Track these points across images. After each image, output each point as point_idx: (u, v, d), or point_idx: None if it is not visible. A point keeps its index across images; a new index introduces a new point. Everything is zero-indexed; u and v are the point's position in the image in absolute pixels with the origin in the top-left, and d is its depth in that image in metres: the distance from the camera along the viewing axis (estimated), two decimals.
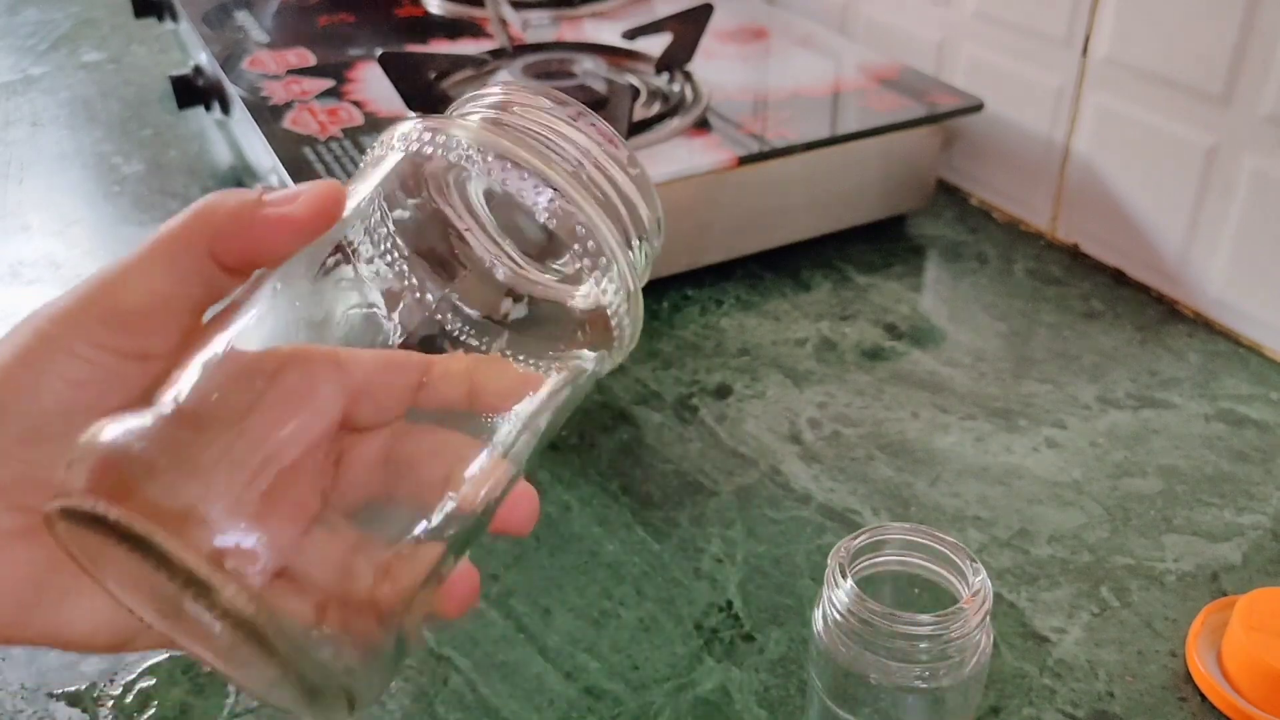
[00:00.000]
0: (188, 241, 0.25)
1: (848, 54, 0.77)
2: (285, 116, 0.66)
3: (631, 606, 0.45)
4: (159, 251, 0.25)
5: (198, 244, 0.25)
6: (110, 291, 0.24)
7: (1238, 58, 0.57)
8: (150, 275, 0.24)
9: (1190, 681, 0.42)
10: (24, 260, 0.71)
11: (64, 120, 0.90)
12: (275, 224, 0.25)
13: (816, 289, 0.66)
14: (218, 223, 0.25)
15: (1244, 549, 0.48)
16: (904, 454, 0.53)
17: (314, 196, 0.25)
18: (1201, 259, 0.62)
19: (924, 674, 0.34)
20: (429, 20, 0.84)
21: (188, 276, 0.25)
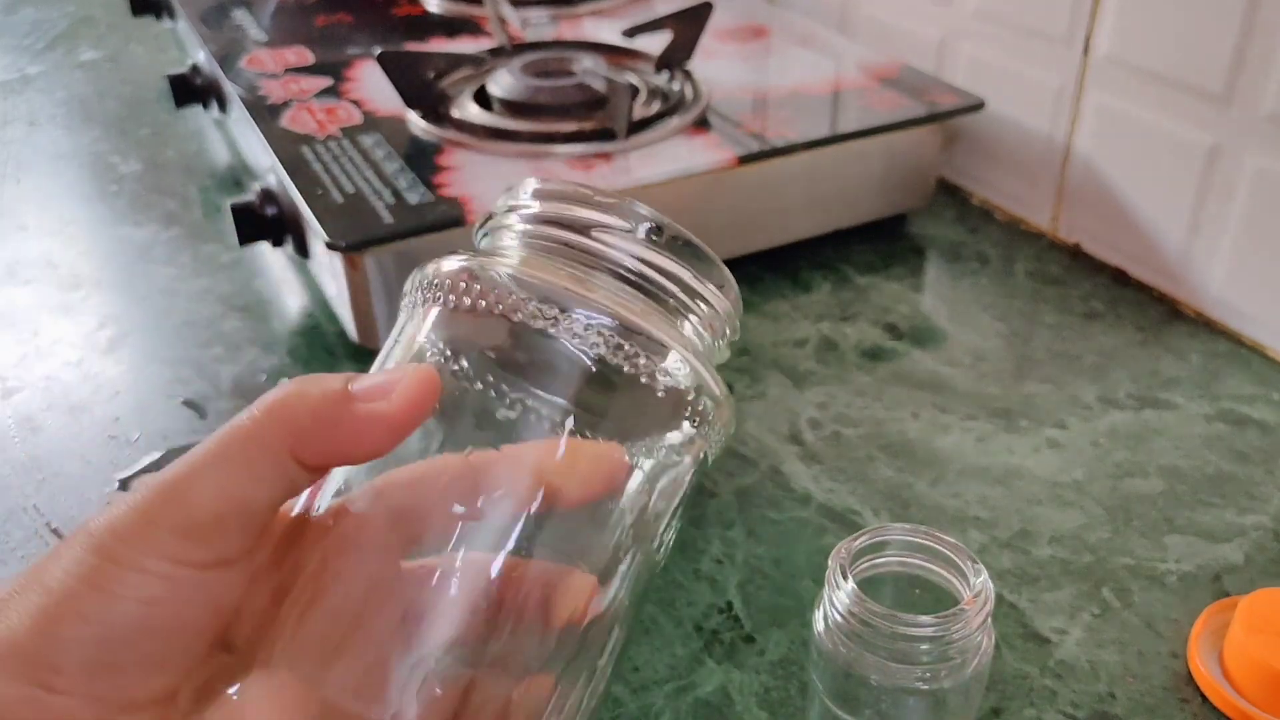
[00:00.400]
0: (266, 443, 0.22)
1: (848, 53, 0.76)
2: (283, 115, 0.66)
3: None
4: (233, 452, 0.22)
5: (278, 445, 0.22)
6: (181, 499, 0.22)
7: (1239, 57, 0.57)
8: (224, 480, 0.22)
9: (1192, 682, 0.42)
10: (21, 260, 0.71)
11: (61, 119, 0.89)
12: (368, 423, 0.22)
13: (816, 289, 0.66)
14: (300, 422, 0.22)
15: (1246, 549, 0.47)
16: (905, 454, 0.53)
17: (410, 390, 0.23)
18: (1203, 259, 0.62)
19: (925, 675, 0.34)
20: (428, 19, 0.84)
21: (266, 479, 0.22)
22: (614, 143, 0.62)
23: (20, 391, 0.58)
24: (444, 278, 0.24)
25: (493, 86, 0.68)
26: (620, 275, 0.24)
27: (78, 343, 0.62)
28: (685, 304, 0.25)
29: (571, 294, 0.23)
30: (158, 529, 0.22)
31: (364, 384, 0.23)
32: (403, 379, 0.23)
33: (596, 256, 0.24)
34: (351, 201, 0.56)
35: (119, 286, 0.68)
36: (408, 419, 0.23)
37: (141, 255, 0.71)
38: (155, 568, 0.21)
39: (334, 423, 0.22)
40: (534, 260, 0.24)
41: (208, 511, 0.22)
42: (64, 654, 0.21)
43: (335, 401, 0.22)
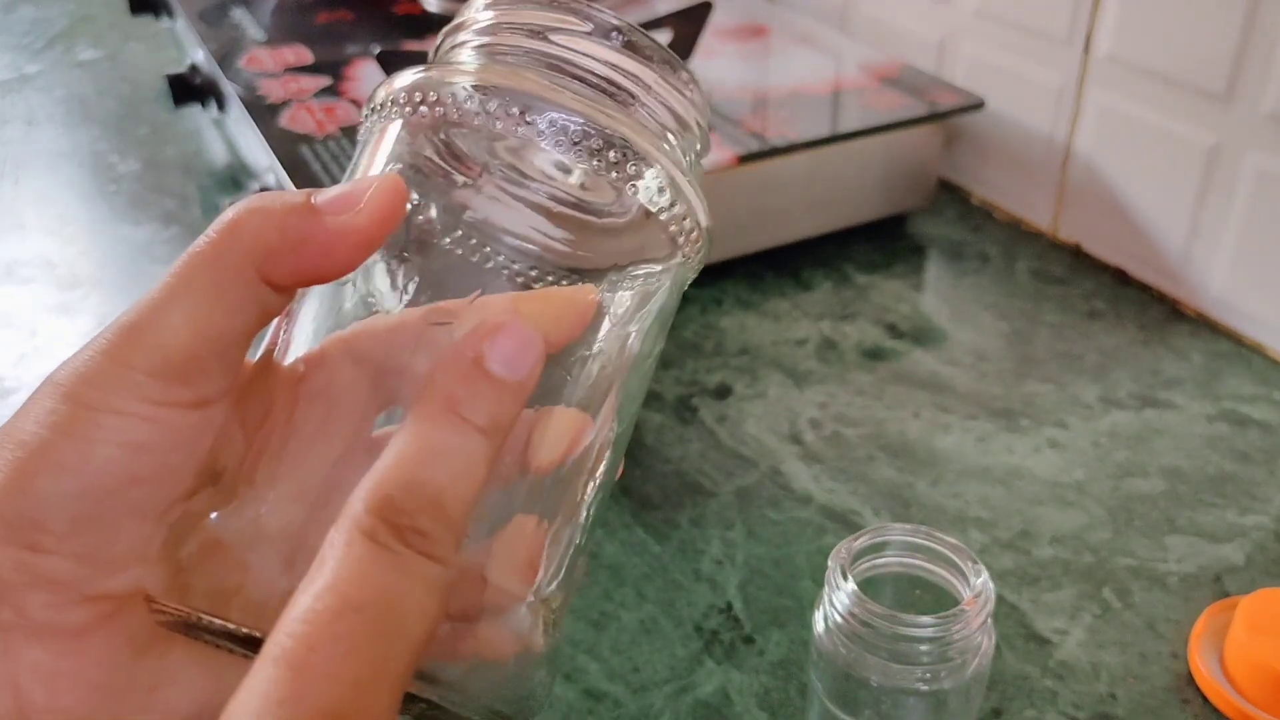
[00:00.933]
0: (233, 266, 0.21)
1: (848, 52, 0.76)
2: (282, 115, 0.66)
3: (631, 608, 0.45)
4: (198, 280, 0.21)
5: (244, 267, 0.21)
6: (151, 338, 0.21)
7: (1240, 56, 0.57)
8: (193, 311, 0.21)
9: (1192, 683, 0.42)
10: (19, 259, 0.70)
11: (60, 118, 0.89)
12: (338, 236, 0.21)
13: (817, 288, 0.66)
14: (266, 239, 0.21)
15: (1247, 550, 0.47)
16: (905, 454, 0.53)
17: (378, 200, 0.21)
18: (1204, 258, 0.62)
19: (925, 676, 0.34)
20: (427, 18, 0.84)
21: (236, 305, 0.21)
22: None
23: (18, 392, 0.58)
24: (396, 93, 0.23)
25: None
26: (590, 82, 0.23)
27: (76, 342, 0.62)
28: (660, 116, 0.24)
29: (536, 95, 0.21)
30: (131, 370, 0.20)
31: (328, 195, 0.22)
32: (369, 189, 0.22)
33: (564, 62, 0.23)
34: None
35: (118, 286, 0.68)
36: (378, 230, 0.21)
37: (140, 254, 0.71)
38: (134, 409, 0.20)
39: (302, 238, 0.21)
40: (491, 67, 0.23)
41: (181, 347, 0.21)
42: (46, 509, 0.20)
43: (301, 215, 0.21)
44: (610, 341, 0.24)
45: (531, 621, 0.22)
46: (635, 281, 0.24)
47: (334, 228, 0.21)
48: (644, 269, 0.24)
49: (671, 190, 0.23)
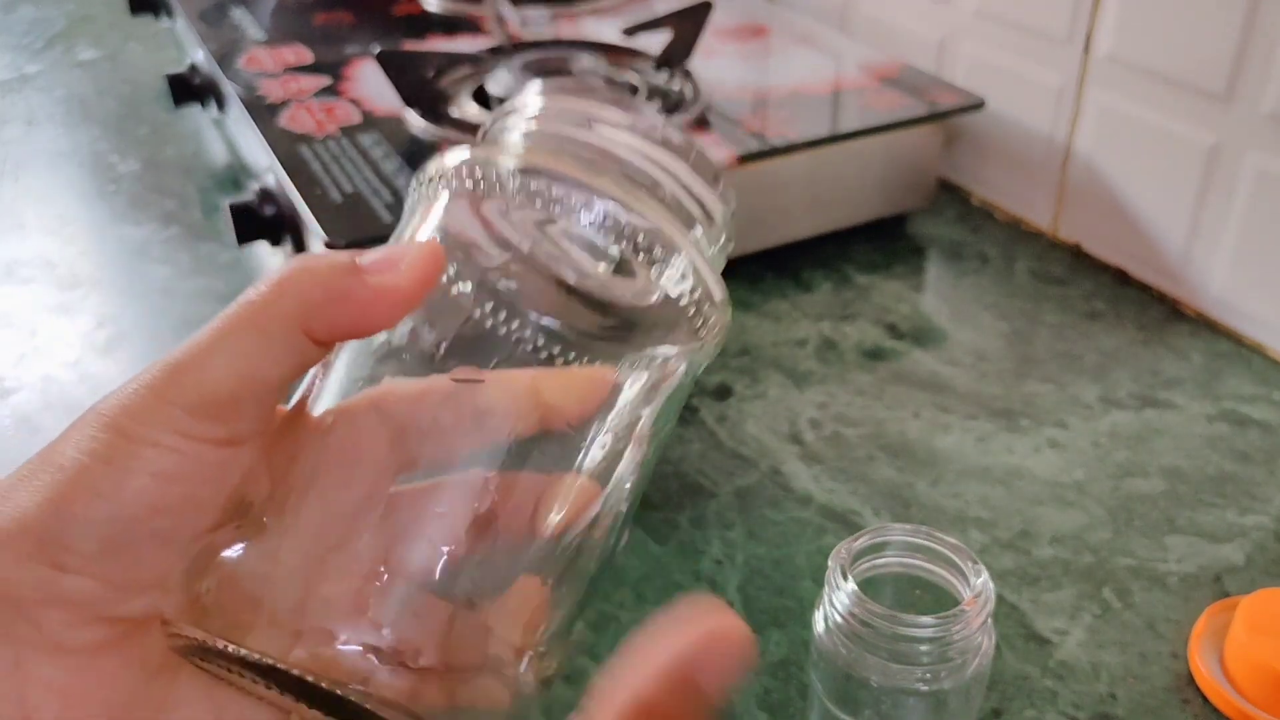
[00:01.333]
0: (277, 317, 0.22)
1: (848, 52, 0.76)
2: (282, 114, 0.66)
3: (631, 609, 0.45)
4: (244, 327, 0.22)
5: (289, 319, 0.22)
6: (194, 376, 0.22)
7: (1240, 56, 0.57)
8: (237, 355, 0.22)
9: (1192, 683, 0.42)
10: (19, 259, 0.70)
11: (59, 118, 0.89)
12: (378, 295, 0.22)
13: (817, 289, 0.66)
14: (310, 296, 0.22)
15: (1247, 550, 0.47)
16: (905, 454, 0.53)
17: (418, 262, 0.23)
18: (1204, 258, 0.62)
19: (925, 676, 0.34)
20: (427, 18, 0.84)
21: (278, 354, 0.22)
22: None
23: (18, 392, 0.58)
24: (448, 169, 0.24)
25: (492, 85, 0.68)
26: (628, 171, 0.24)
27: (76, 342, 0.62)
28: (690, 208, 0.25)
29: (577, 180, 0.23)
30: (171, 405, 0.21)
31: (371, 257, 0.23)
32: (409, 252, 0.23)
33: (604, 152, 0.24)
34: (350, 201, 0.56)
35: (117, 286, 0.68)
36: (416, 291, 0.23)
37: (140, 254, 0.71)
38: (169, 442, 0.21)
39: (344, 295, 0.22)
40: (539, 151, 0.24)
41: (222, 387, 0.22)
42: (76, 531, 0.21)
43: (344, 274, 0.22)
44: (623, 419, 0.25)
45: (528, 675, 0.24)
46: (653, 363, 0.25)
47: (374, 285, 0.22)
48: (662, 352, 0.25)
49: (695, 279, 0.24)
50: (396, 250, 0.23)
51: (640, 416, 0.25)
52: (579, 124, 0.24)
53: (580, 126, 0.24)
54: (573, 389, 0.24)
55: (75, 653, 0.21)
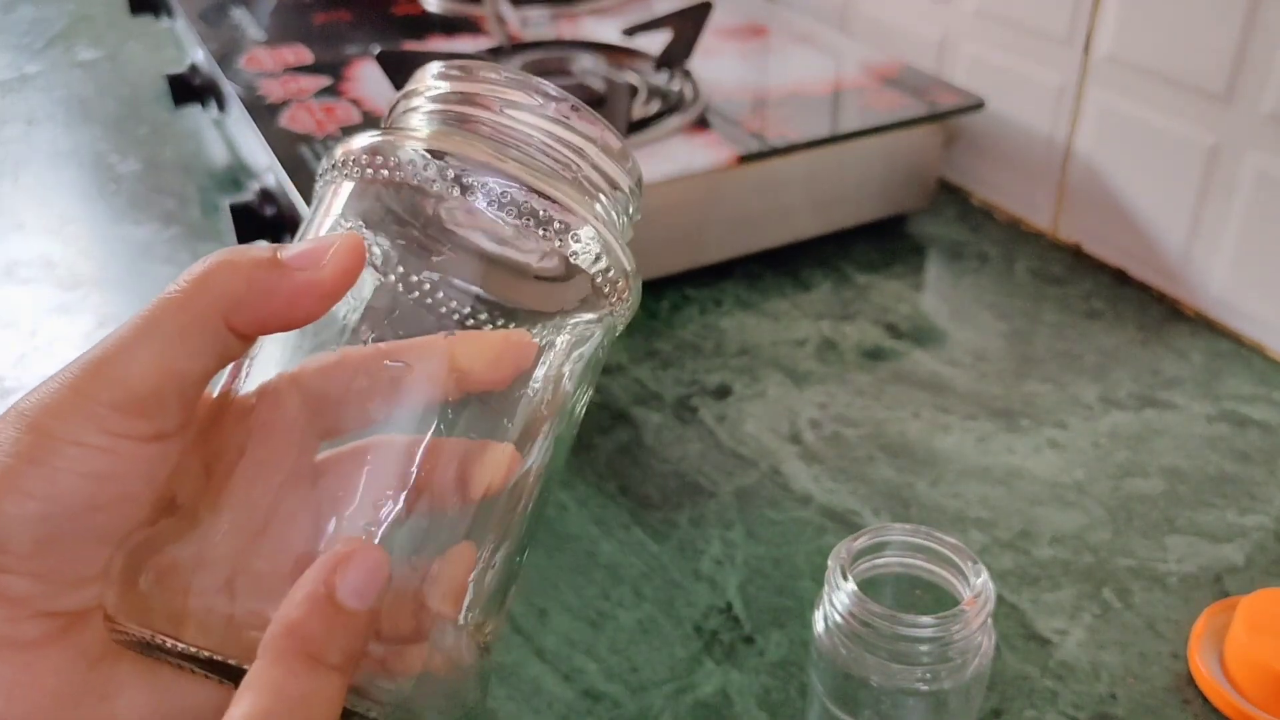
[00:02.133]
0: (200, 313, 0.22)
1: (848, 52, 0.76)
2: (282, 114, 0.66)
3: (630, 608, 0.45)
4: (165, 324, 0.22)
5: (211, 314, 0.22)
6: (115, 373, 0.22)
7: (1240, 56, 0.57)
8: (159, 352, 0.22)
9: (1193, 683, 0.42)
10: (19, 259, 0.70)
11: (59, 118, 0.89)
12: (302, 290, 0.23)
13: (817, 288, 0.66)
14: (233, 291, 0.22)
15: (1247, 550, 0.47)
16: (905, 454, 0.53)
17: (341, 257, 0.23)
18: (1204, 258, 0.62)
19: (925, 676, 0.34)
20: (427, 18, 0.84)
21: (199, 350, 0.23)
22: None
23: (18, 392, 0.58)
24: (353, 154, 0.24)
25: None
26: (530, 149, 0.25)
27: (76, 342, 0.62)
28: (595, 181, 0.26)
29: (481, 162, 0.24)
30: (94, 404, 0.22)
31: (293, 251, 0.23)
32: (332, 246, 0.23)
33: (506, 131, 0.25)
34: None
35: (118, 286, 0.68)
36: (339, 285, 0.23)
37: (140, 254, 0.71)
38: (96, 441, 0.22)
39: (267, 291, 0.22)
40: (442, 133, 0.25)
41: (144, 384, 0.22)
42: (9, 531, 0.21)
43: (267, 269, 0.23)
44: (544, 384, 0.26)
45: (465, 642, 0.24)
46: (570, 330, 0.26)
47: (299, 281, 0.23)
48: (576, 318, 0.26)
49: (599, 247, 0.25)
50: (320, 244, 0.23)
51: (562, 378, 0.26)
52: (482, 106, 0.25)
53: (483, 108, 0.25)
54: (489, 352, 0.24)
55: (17, 647, 0.22)
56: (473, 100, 0.25)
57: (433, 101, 0.26)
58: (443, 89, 0.26)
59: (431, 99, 0.26)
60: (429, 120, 0.25)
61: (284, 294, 0.23)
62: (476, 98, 0.25)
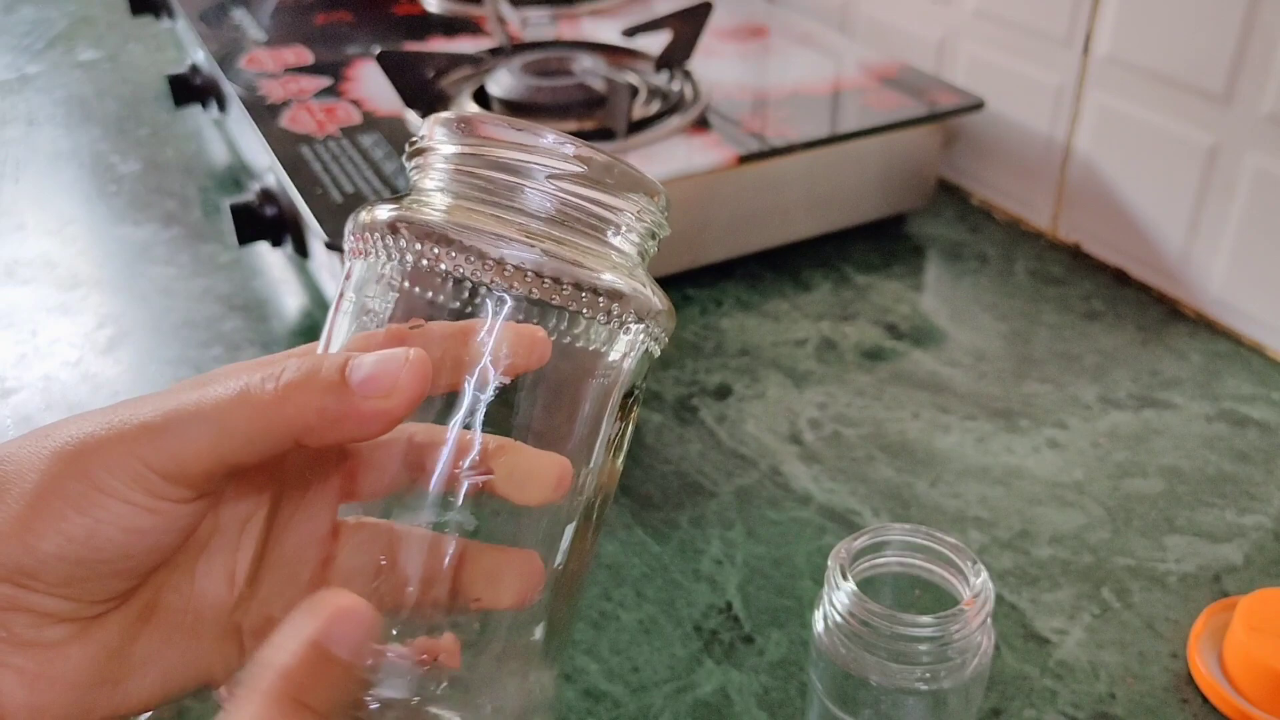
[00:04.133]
0: (271, 426, 0.23)
1: (848, 52, 0.76)
2: (283, 115, 0.66)
3: (631, 608, 0.45)
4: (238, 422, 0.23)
5: (281, 431, 0.23)
6: (173, 444, 0.23)
7: (1239, 56, 0.57)
8: (221, 442, 0.23)
9: (1192, 683, 0.42)
10: (20, 259, 0.70)
11: (60, 119, 0.89)
12: (370, 419, 0.23)
13: (816, 289, 0.66)
14: (307, 419, 0.23)
15: (1246, 550, 0.47)
16: (904, 454, 0.53)
17: (411, 386, 0.23)
18: (1203, 259, 0.62)
19: (925, 676, 0.34)
20: (427, 18, 0.84)
21: (262, 451, 0.23)
22: (613, 142, 0.62)
23: (19, 392, 0.58)
24: (379, 229, 0.25)
25: (492, 86, 0.68)
26: (546, 211, 0.25)
27: (77, 342, 0.62)
28: (615, 223, 0.26)
29: (498, 238, 0.24)
30: (144, 466, 0.23)
31: (363, 374, 0.23)
32: (402, 373, 0.23)
33: (521, 196, 0.25)
34: (351, 201, 0.56)
35: (118, 286, 0.68)
36: (408, 411, 0.23)
37: (140, 255, 0.71)
38: (140, 501, 0.23)
39: (338, 419, 0.23)
40: (460, 207, 0.25)
41: (197, 466, 0.23)
42: (45, 566, 0.22)
43: (338, 397, 0.23)
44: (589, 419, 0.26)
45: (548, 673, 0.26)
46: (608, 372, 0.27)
47: (368, 411, 0.23)
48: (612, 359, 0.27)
49: (636, 311, 0.25)
50: (388, 368, 0.23)
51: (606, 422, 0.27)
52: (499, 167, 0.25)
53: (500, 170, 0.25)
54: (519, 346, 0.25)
55: (40, 647, 0.23)
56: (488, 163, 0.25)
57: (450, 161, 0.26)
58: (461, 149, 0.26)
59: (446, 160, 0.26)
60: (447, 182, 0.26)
61: (353, 422, 0.23)
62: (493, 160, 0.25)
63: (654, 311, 0.26)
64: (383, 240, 0.25)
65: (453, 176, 0.26)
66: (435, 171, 0.26)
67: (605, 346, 0.26)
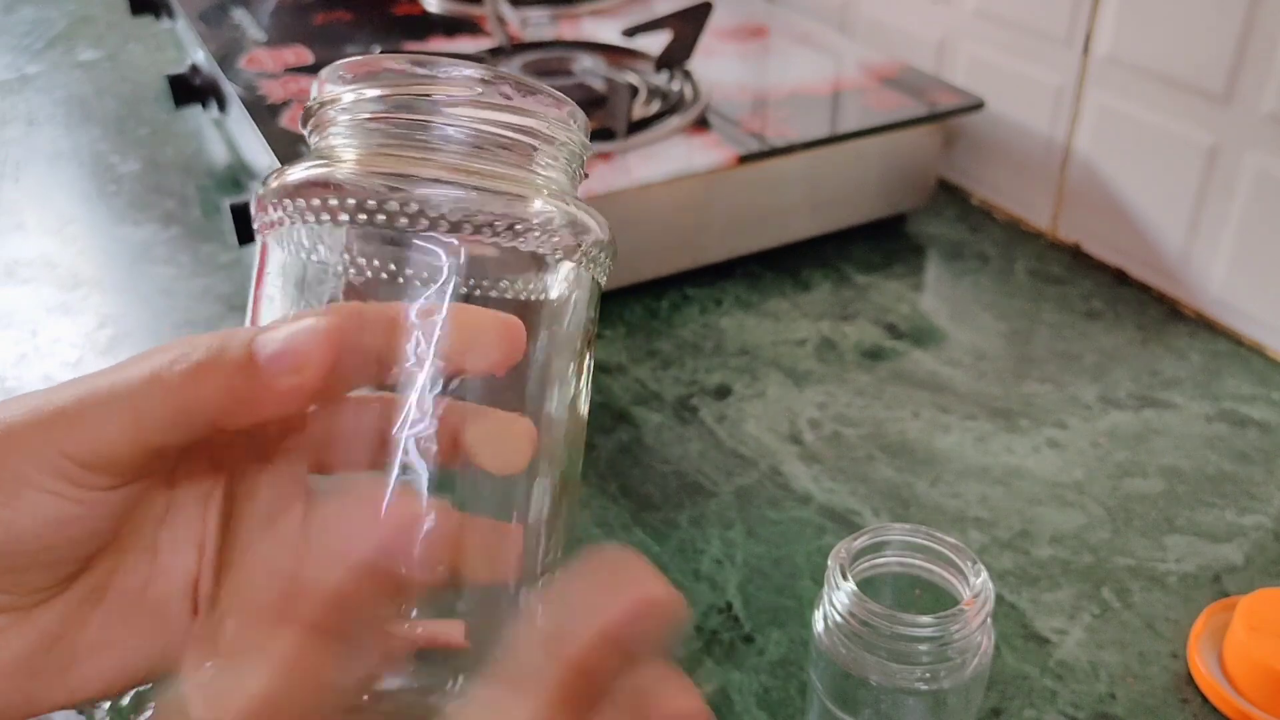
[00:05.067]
0: (184, 407, 0.22)
1: (848, 52, 0.76)
2: (282, 115, 0.66)
3: None
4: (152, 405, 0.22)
5: (195, 413, 0.22)
6: (89, 432, 0.22)
7: (1239, 56, 0.57)
8: (138, 423, 0.22)
9: (1192, 683, 0.42)
10: (20, 259, 0.70)
11: (60, 119, 0.89)
12: (285, 397, 0.22)
13: (816, 289, 0.66)
14: (219, 401, 0.22)
15: (1246, 550, 0.47)
16: (904, 454, 0.53)
17: (324, 357, 0.22)
18: (1203, 258, 0.62)
19: (925, 676, 0.34)
20: (427, 18, 0.84)
21: (184, 434, 0.22)
22: (613, 142, 0.62)
23: (18, 391, 0.58)
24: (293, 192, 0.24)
25: None
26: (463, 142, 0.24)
27: (77, 342, 0.62)
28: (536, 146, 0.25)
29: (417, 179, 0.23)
30: (61, 455, 0.22)
31: (271, 350, 0.22)
32: (312, 345, 0.22)
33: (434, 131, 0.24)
34: None
35: (118, 286, 0.68)
36: (318, 384, 0.22)
37: (141, 255, 0.71)
38: (58, 489, 0.22)
39: (249, 398, 0.22)
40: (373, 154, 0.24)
41: (114, 450, 0.22)
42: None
43: (246, 376, 0.22)
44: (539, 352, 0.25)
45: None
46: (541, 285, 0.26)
47: (281, 389, 0.22)
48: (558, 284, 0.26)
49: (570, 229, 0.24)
50: (298, 341, 0.22)
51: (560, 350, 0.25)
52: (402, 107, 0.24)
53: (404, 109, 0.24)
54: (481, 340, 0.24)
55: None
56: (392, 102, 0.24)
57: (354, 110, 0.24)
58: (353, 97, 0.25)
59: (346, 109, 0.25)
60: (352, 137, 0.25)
61: (267, 401, 0.22)
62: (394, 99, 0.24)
63: (596, 237, 0.25)
64: (293, 204, 0.24)
65: (353, 128, 0.24)
66: (335, 127, 0.25)
67: (551, 285, 0.25)
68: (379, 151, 0.24)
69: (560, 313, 0.26)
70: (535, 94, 0.25)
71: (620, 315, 0.63)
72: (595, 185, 0.58)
